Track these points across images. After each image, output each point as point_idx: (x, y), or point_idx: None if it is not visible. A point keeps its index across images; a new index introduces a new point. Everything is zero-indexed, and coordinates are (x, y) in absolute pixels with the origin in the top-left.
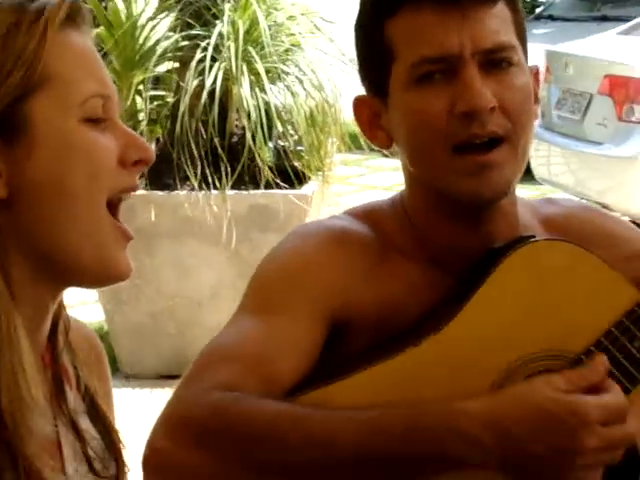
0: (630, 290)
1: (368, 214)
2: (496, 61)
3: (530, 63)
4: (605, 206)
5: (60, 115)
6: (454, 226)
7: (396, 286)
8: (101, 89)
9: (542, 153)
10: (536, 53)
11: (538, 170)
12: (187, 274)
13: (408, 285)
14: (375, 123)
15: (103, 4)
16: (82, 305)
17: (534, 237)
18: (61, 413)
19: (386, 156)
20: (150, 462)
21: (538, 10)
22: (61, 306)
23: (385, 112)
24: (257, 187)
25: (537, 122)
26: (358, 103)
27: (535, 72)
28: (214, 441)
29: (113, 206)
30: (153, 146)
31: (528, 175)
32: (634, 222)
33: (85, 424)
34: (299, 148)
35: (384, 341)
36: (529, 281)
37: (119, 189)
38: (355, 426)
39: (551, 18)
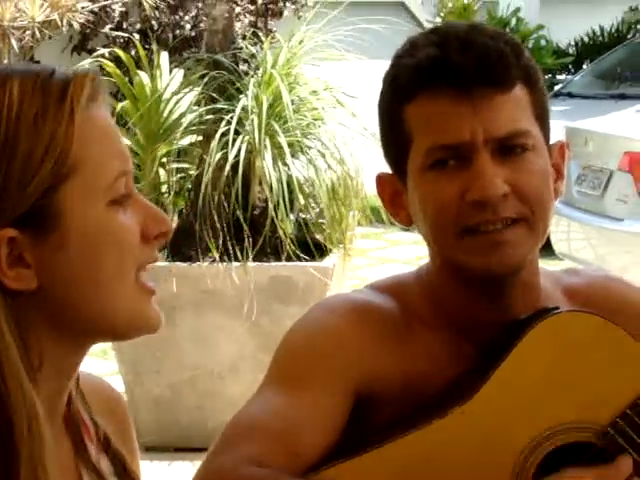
0: None
1: (392, 287)
2: (510, 147)
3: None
4: None
5: (89, 203)
6: (475, 298)
7: (420, 358)
8: (124, 165)
9: (562, 228)
10: (555, 130)
11: (558, 245)
12: (207, 346)
13: (432, 357)
14: (397, 202)
15: (128, 78)
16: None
17: (558, 308)
18: (86, 468)
19: (406, 230)
20: None
21: (557, 87)
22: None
23: (405, 191)
24: (278, 259)
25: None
26: (380, 181)
27: (560, 146)
28: None
29: (137, 272)
30: (175, 218)
31: (549, 250)
32: None
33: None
34: (321, 221)
35: (409, 414)
36: (554, 353)
37: (143, 263)
38: None
39: (570, 95)
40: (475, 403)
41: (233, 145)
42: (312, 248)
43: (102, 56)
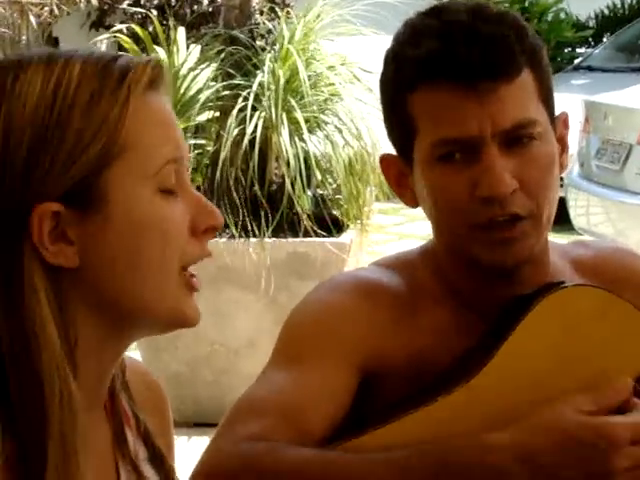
0: None
1: (397, 263)
2: (517, 137)
3: (570, 113)
4: None
5: (136, 186)
6: (483, 278)
7: (426, 334)
8: (175, 152)
9: (581, 203)
10: (575, 103)
11: (577, 220)
12: (225, 322)
13: (439, 332)
14: (403, 182)
15: (145, 54)
16: None
17: (564, 283)
18: (123, 459)
19: None
20: None
21: (576, 61)
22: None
23: (410, 174)
24: (296, 235)
25: (576, 172)
26: (385, 162)
27: (563, 119)
28: None
29: (183, 267)
30: None
31: (568, 224)
32: None
33: (147, 471)
34: (338, 197)
35: (416, 390)
36: (559, 328)
37: (191, 258)
38: (387, 466)
39: (589, 69)
40: (481, 378)
41: (250, 121)
42: (329, 224)
43: (119, 32)
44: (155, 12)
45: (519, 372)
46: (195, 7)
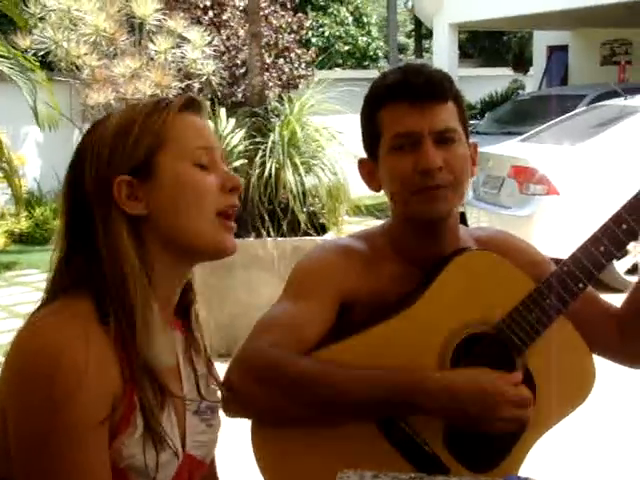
0: (530, 282)
1: (364, 235)
2: (445, 139)
3: None
4: None
5: (177, 161)
6: (420, 237)
7: (383, 281)
8: (205, 143)
9: (475, 215)
10: None
11: (472, 226)
12: (253, 291)
13: (390, 280)
14: (372, 176)
15: None
16: None
17: (469, 248)
18: (186, 356)
19: (378, 218)
20: (227, 385)
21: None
22: (192, 290)
23: (376, 168)
24: (297, 235)
25: (471, 195)
26: (361, 164)
27: (474, 146)
28: (267, 381)
29: (223, 213)
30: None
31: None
32: None
33: (200, 366)
34: (322, 211)
35: (374, 316)
36: (466, 277)
37: (222, 205)
38: (360, 381)
39: (477, 133)
40: (414, 309)
41: (267, 164)
42: (318, 228)
43: None
44: (209, 103)
45: (439, 305)
46: (233, 98)
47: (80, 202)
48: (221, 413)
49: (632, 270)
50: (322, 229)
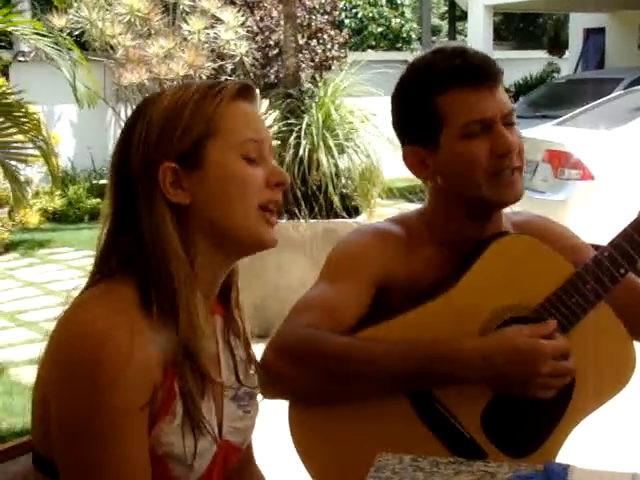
0: (569, 267)
1: (401, 219)
2: (510, 121)
3: None
4: None
5: (225, 153)
6: (463, 222)
7: (419, 265)
8: (255, 135)
9: None
10: None
11: (508, 211)
12: (284, 272)
13: (427, 263)
14: (423, 163)
15: None
16: None
17: (508, 232)
18: (225, 341)
19: (411, 201)
20: (264, 367)
21: None
22: (236, 276)
23: (430, 156)
24: (329, 217)
25: None
26: (407, 153)
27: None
28: (303, 360)
29: (266, 208)
30: None
31: None
32: None
33: (239, 351)
34: (355, 194)
35: (411, 300)
36: (505, 262)
37: (265, 199)
38: (397, 352)
39: None
40: (452, 293)
41: (300, 146)
42: (351, 210)
43: None
44: None
45: (478, 288)
46: (266, 79)
47: (126, 182)
48: (259, 398)
49: None
50: (355, 211)
